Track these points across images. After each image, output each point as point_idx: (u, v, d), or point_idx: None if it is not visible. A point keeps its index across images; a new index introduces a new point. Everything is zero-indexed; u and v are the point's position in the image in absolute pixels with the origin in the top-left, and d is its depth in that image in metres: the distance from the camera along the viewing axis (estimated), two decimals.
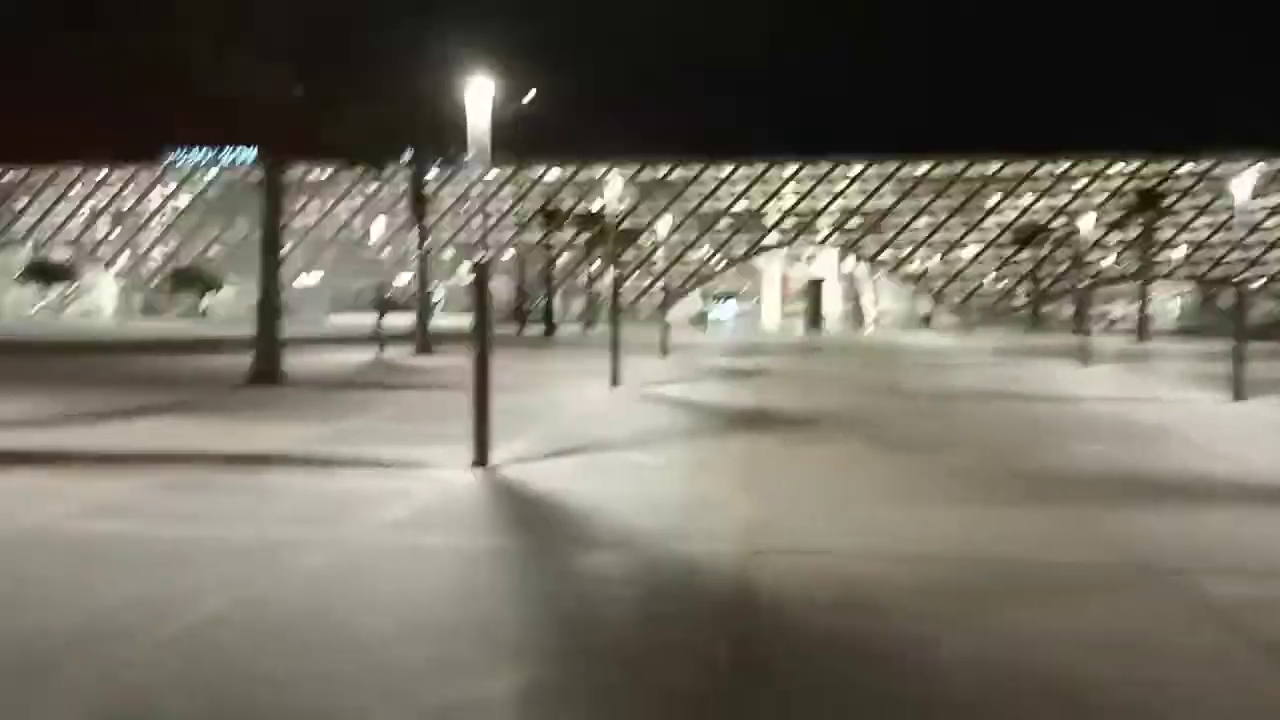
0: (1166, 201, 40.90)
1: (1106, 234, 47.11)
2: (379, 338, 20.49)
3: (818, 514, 5.63)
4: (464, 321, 25.32)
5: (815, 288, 47.43)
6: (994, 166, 64.63)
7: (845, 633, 3.59)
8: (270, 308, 13.76)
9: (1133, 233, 46.99)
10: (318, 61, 13.48)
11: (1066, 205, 62.22)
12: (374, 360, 19.33)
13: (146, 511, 5.63)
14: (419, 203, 20.57)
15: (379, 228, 74.55)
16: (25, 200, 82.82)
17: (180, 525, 5.26)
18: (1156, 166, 59.51)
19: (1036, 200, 63.94)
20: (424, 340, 20.46)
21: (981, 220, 64.73)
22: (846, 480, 6.74)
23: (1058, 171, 64.32)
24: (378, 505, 5.77)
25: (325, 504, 5.83)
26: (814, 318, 45.19)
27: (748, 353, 24.30)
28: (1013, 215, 63.70)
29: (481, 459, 7.08)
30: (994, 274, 64.65)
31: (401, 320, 25.19)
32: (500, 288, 71.80)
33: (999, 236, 64.29)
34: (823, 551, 4.76)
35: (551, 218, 39.70)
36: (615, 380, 13.54)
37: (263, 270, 13.78)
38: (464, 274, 66.58)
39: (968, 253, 64.86)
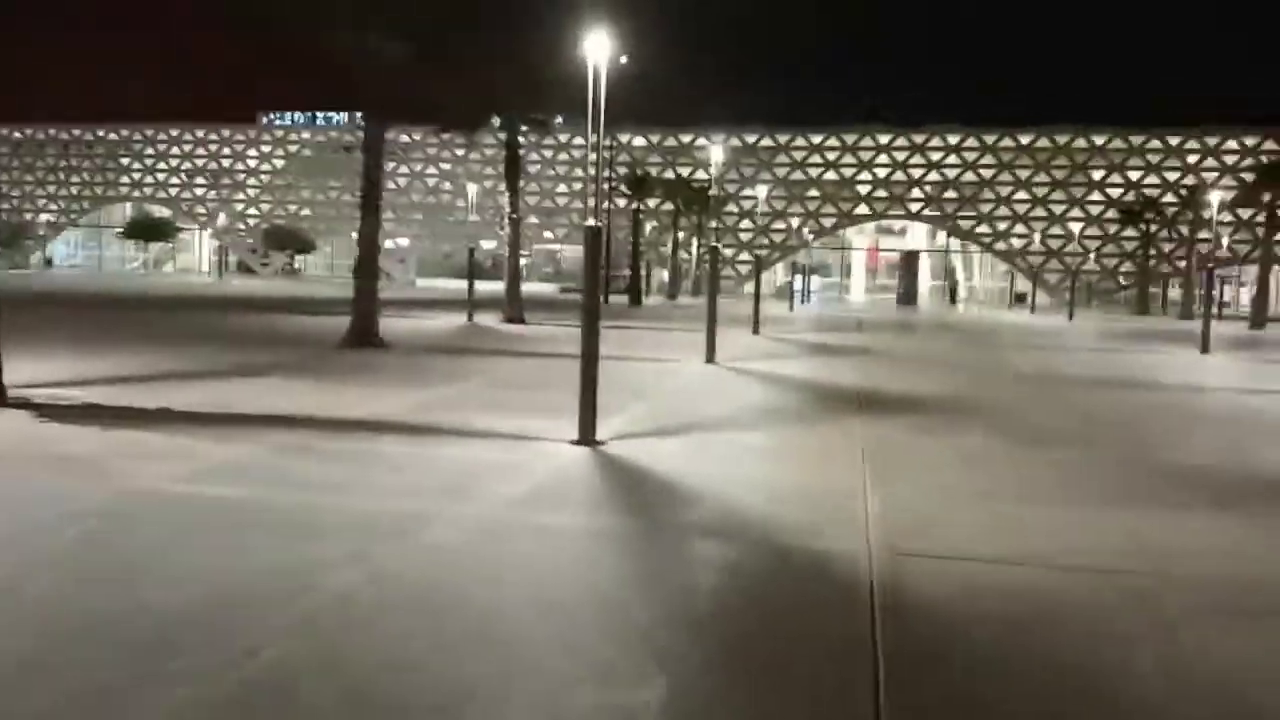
0: None
1: (1220, 212, 44.69)
2: (470, 303, 20.50)
3: (958, 513, 5.26)
4: (546, 289, 24.99)
5: (911, 261, 46.08)
6: (1100, 139, 61.76)
7: (1019, 657, 3.24)
8: (369, 270, 13.76)
9: (1251, 211, 44.49)
10: (425, 21, 13.31)
11: (1178, 181, 59.23)
12: (466, 326, 19.36)
13: (262, 476, 5.55)
14: (513, 167, 20.43)
15: (466, 192, 75.02)
16: (126, 159, 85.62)
17: (298, 492, 5.16)
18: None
19: (1145, 175, 60.93)
20: (515, 308, 20.38)
21: (1085, 196, 62.05)
22: (982, 474, 6.33)
23: (1171, 145, 61.16)
24: (493, 479, 5.60)
25: (441, 475, 5.68)
26: (908, 293, 44.02)
27: (841, 328, 23.68)
28: (1118, 191, 60.93)
29: (589, 435, 6.86)
30: (1094, 252, 61.94)
31: (487, 286, 25.26)
32: (580, 254, 71.59)
33: (1103, 213, 61.58)
34: (973, 557, 4.39)
35: (640, 184, 39.16)
36: (711, 354, 13.21)
37: (361, 231, 13.78)
38: (549, 240, 66.75)
39: (1068, 230, 62.32)
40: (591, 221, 6.99)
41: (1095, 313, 45.72)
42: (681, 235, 49.47)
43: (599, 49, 6.82)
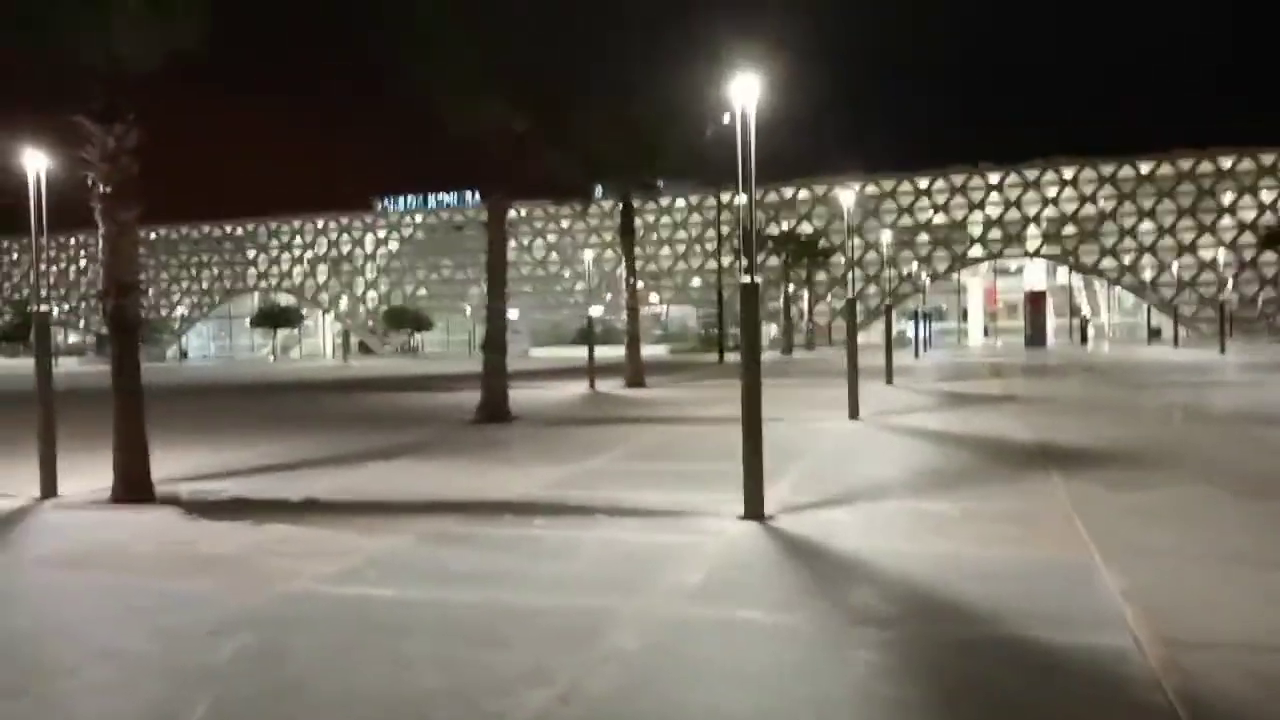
0: None
1: None
2: (590, 370, 20.26)
3: (1214, 585, 4.46)
4: (656, 350, 24.16)
5: (1037, 301, 44.08)
6: (1227, 161, 58.56)
7: None
8: (497, 345, 13.58)
9: None
10: (538, 92, 13.27)
11: None
12: (589, 394, 19.08)
13: (418, 571, 5.16)
14: (628, 232, 20.27)
15: (573, 262, 76.18)
16: (253, 252, 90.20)
17: (460, 589, 4.73)
18: None
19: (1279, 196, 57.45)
20: (636, 372, 20.04)
21: (1215, 221, 58.74)
22: (1216, 535, 5.48)
23: None
24: (666, 566, 5.07)
25: (607, 563, 5.18)
26: (1037, 334, 42.05)
27: (976, 375, 22.51)
28: (1251, 214, 57.51)
29: (757, 509, 6.28)
30: (1232, 280, 58.29)
31: (602, 351, 24.92)
32: (685, 315, 71.63)
33: (1237, 238, 58.18)
34: (1264, 646, 3.62)
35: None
36: (855, 410, 12.47)
37: (489, 307, 13.64)
38: (654, 303, 66.77)
39: (1201, 258, 58.96)
40: (747, 278, 6.48)
41: (1242, 343, 42.72)
42: (791, 288, 48.66)
43: (746, 92, 6.35)
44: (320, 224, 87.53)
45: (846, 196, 20.35)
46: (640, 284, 70.32)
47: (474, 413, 13.56)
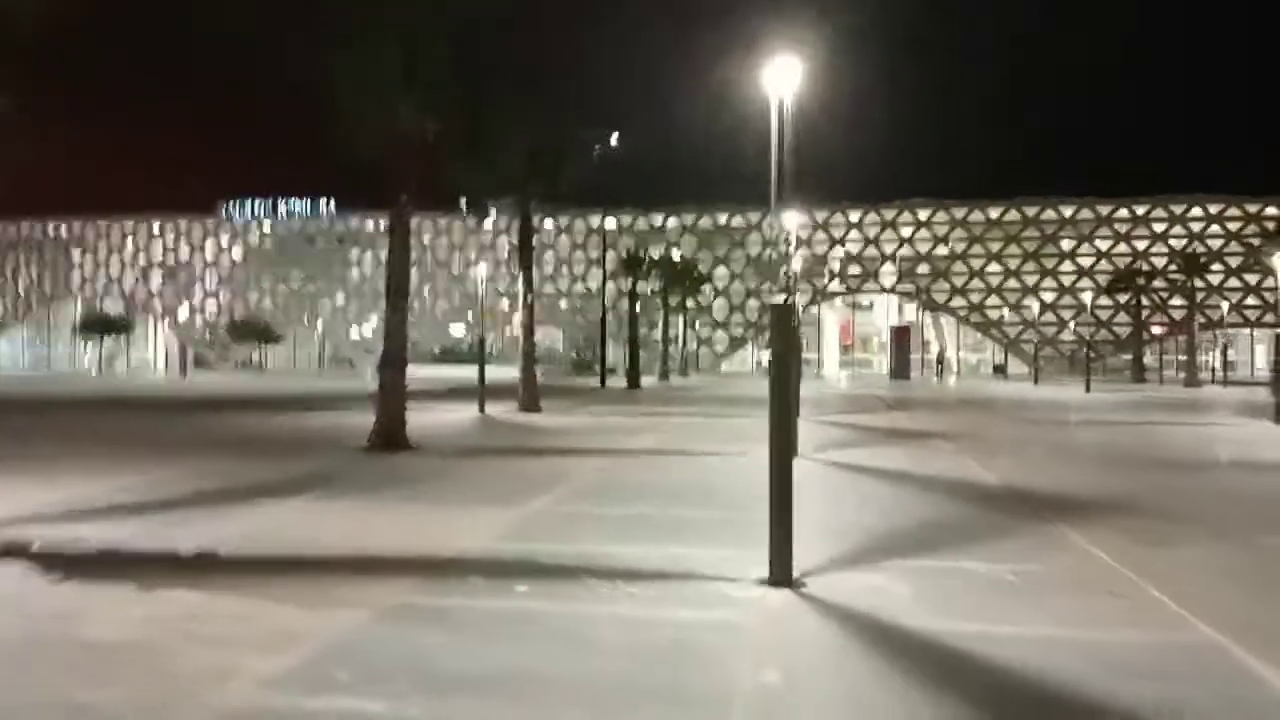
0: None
1: (1228, 277, 44.89)
2: (480, 394, 18.82)
3: None
4: (515, 373, 22.04)
5: (904, 335, 45.21)
6: (1067, 210, 62.36)
7: None
8: (396, 362, 12.12)
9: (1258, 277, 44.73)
10: (452, 98, 12.18)
11: (1146, 250, 59.72)
12: (482, 419, 17.65)
13: (402, 669, 3.86)
14: (526, 247, 18.98)
15: (432, 277, 73.68)
16: (77, 254, 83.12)
17: (471, 701, 3.49)
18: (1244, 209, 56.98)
19: (1114, 245, 61.44)
20: (532, 397, 18.74)
21: (1057, 266, 62.33)
22: None
23: (1137, 214, 61.85)
24: (720, 659, 3.99)
25: (645, 657, 4.03)
26: (901, 367, 43.08)
27: (872, 408, 22.30)
28: (1089, 261, 61.42)
29: (784, 575, 5.26)
30: (1074, 322, 61.81)
31: (465, 373, 23.40)
32: (552, 339, 70.21)
33: (1075, 282, 61.92)
34: None
35: (637, 264, 38.01)
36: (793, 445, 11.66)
37: (389, 320, 12.18)
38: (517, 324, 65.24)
39: (1043, 299, 62.41)
40: (782, 298, 5.49)
41: (1081, 380, 45.13)
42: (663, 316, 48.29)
43: (784, 78, 5.39)
44: (155, 227, 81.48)
45: (789, 220, 19.75)
46: (507, 305, 68.47)
47: (366, 439, 12.02)
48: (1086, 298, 60.34)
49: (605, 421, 17.04)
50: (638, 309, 33.95)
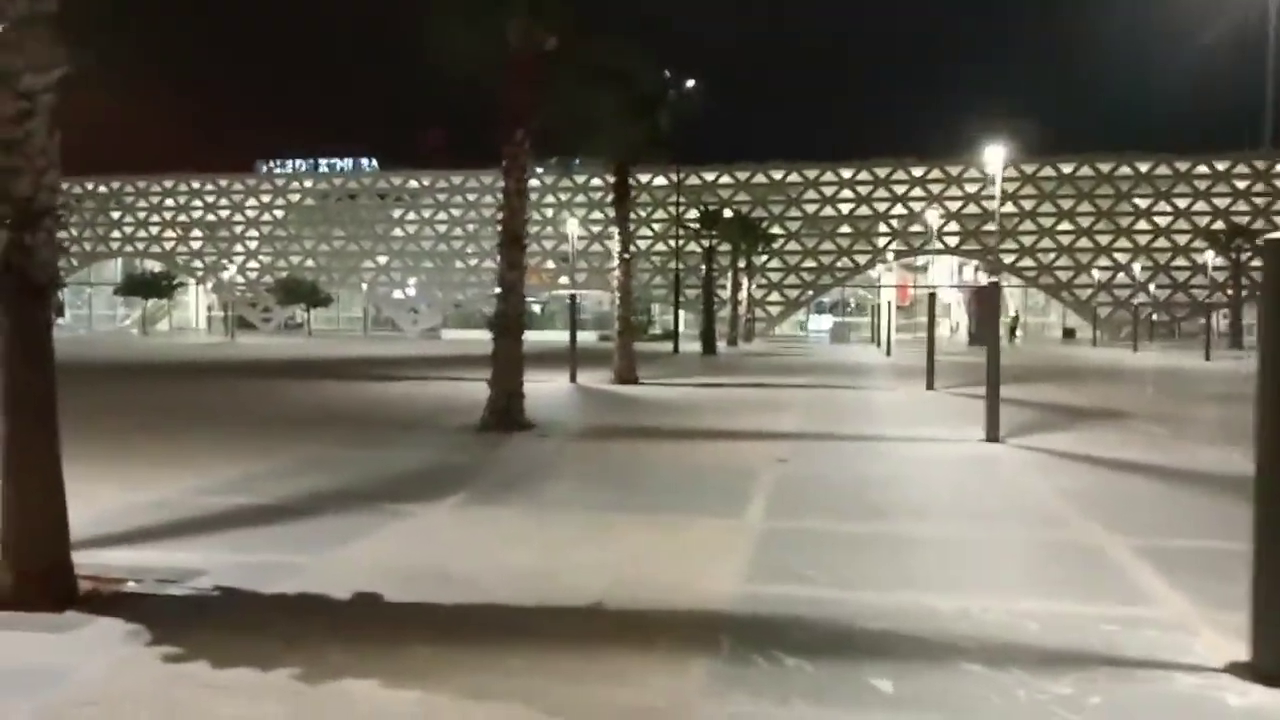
0: None
1: None
2: (573, 362, 17.04)
3: None
4: (585, 338, 20.51)
5: (988, 297, 42.71)
6: (1144, 166, 59.06)
7: None
8: (512, 328, 10.33)
9: None
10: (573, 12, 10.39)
11: (1228, 208, 56.34)
12: (578, 390, 15.88)
13: None
14: (623, 199, 17.06)
15: (477, 238, 71.82)
16: (117, 213, 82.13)
17: None
18: None
19: (1194, 202, 58.08)
20: (628, 366, 16.93)
21: (1132, 225, 59.22)
22: None
23: (1219, 170, 58.34)
24: None
25: None
26: (982, 331, 40.68)
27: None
28: (1166, 220, 58.19)
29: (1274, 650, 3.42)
30: (1154, 284, 58.71)
31: (537, 337, 21.55)
32: (598, 300, 67.96)
33: (1152, 242, 58.82)
34: None
35: (714, 222, 35.77)
36: (993, 430, 9.79)
37: (505, 278, 10.34)
38: (565, 286, 63.05)
39: (1117, 260, 59.40)
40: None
41: (1160, 346, 42.62)
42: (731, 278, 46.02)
43: None
44: (195, 185, 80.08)
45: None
46: (551, 265, 66.68)
47: (480, 417, 10.27)
48: (1163, 259, 57.39)
49: (717, 395, 15.22)
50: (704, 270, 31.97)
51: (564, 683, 3.32)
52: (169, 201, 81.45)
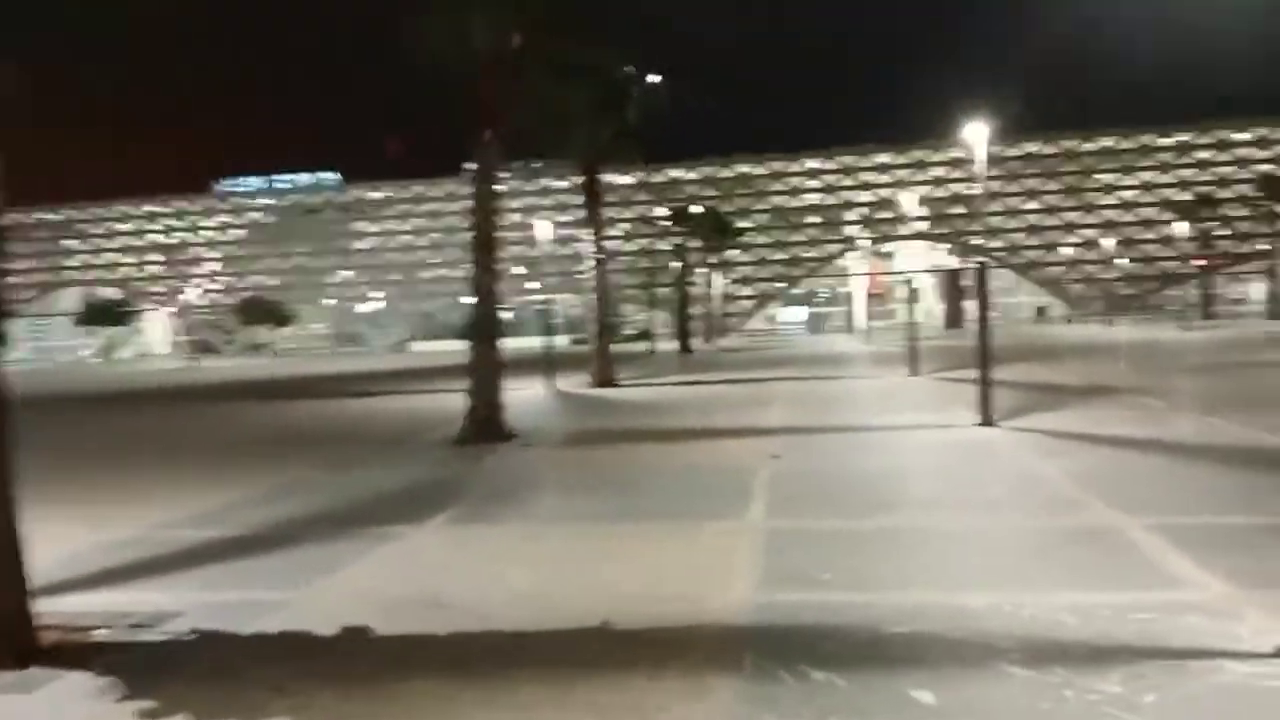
0: None
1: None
2: (551, 368, 16.72)
3: None
4: (557, 342, 20.35)
5: (957, 281, 42.95)
6: (1105, 142, 59.50)
7: None
8: (488, 334, 10.02)
9: None
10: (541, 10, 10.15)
11: (1194, 179, 56.88)
12: (558, 395, 15.57)
13: None
14: (593, 200, 16.78)
15: (445, 246, 71.11)
16: (72, 242, 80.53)
17: None
18: None
19: (1160, 173, 58.61)
20: (605, 368, 16.65)
21: (1098, 201, 59.66)
22: None
23: (1182, 142, 58.87)
24: None
25: None
26: (954, 315, 40.97)
27: (966, 362, 20.12)
28: (1131, 194, 58.74)
29: None
30: (1126, 259, 59.02)
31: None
32: (565, 304, 67.43)
33: (1121, 216, 59.32)
34: None
35: (687, 218, 35.41)
36: (987, 414, 9.61)
37: (479, 284, 10.02)
38: (535, 291, 62.65)
39: (1085, 237, 59.82)
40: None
41: (1130, 320, 42.99)
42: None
43: None
44: (146, 209, 78.66)
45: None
46: (519, 270, 66.18)
47: (460, 427, 9.95)
48: (1130, 232, 57.89)
49: (700, 393, 14.99)
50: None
51: (586, 713, 3.05)
52: (122, 227, 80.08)
